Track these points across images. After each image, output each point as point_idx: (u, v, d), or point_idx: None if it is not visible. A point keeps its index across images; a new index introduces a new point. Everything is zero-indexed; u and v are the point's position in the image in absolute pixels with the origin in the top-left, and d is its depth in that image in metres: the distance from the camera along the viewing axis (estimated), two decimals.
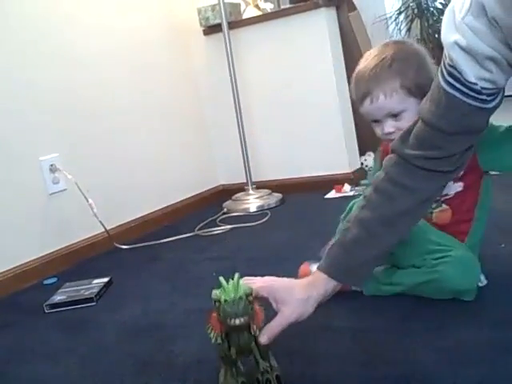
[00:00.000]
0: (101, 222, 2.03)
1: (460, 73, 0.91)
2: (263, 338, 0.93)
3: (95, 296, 1.57)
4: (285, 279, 1.03)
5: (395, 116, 1.16)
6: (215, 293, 0.87)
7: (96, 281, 1.69)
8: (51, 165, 1.99)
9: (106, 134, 2.24)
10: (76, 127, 2.11)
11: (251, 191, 2.57)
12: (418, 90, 1.14)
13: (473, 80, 0.90)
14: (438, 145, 0.99)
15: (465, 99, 0.93)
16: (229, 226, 2.19)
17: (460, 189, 1.22)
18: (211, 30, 2.71)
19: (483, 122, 0.98)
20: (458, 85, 0.92)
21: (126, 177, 2.31)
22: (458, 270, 1.12)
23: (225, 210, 2.48)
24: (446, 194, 1.22)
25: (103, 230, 2.06)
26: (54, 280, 1.84)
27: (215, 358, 0.96)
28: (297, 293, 0.98)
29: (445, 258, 1.14)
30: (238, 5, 2.78)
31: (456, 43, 0.90)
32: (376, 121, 1.20)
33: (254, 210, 2.44)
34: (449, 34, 0.92)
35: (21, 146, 1.92)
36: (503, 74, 0.92)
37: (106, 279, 1.69)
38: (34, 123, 1.97)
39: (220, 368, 0.94)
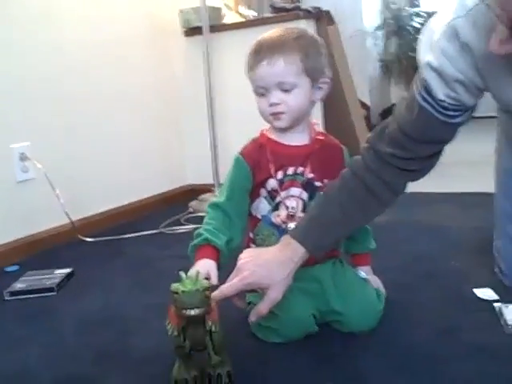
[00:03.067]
0: (66, 213, 2.04)
1: (431, 90, 1.00)
2: (253, 318, 1.05)
3: (56, 286, 1.58)
4: (261, 262, 1.06)
5: (285, 90, 1.13)
6: (174, 285, 0.91)
7: (58, 271, 1.70)
8: (21, 153, 2.00)
9: (77, 126, 2.25)
10: (49, 118, 2.12)
11: (217, 193, 2.61)
12: (312, 73, 1.15)
13: (442, 97, 1.00)
14: (407, 147, 1.08)
15: (434, 113, 1.02)
16: (193, 226, 2.22)
17: None
18: (192, 32, 2.74)
19: (449, 135, 1.08)
20: (429, 99, 1.01)
21: (95, 170, 2.33)
22: (357, 324, 1.16)
23: (190, 209, 2.51)
24: None
25: (68, 221, 2.07)
26: (15, 268, 1.84)
27: (171, 353, 0.99)
28: (278, 275, 1.05)
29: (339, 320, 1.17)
30: (220, 9, 2.82)
31: (429, 64, 0.99)
32: (263, 94, 1.16)
33: None
34: (424, 53, 1.00)
35: None
36: (470, 95, 1.01)
37: (68, 270, 1.71)
38: (7, 111, 1.96)
39: (175, 362, 0.98)
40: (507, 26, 0.78)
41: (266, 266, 1.06)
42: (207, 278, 1.03)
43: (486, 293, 1.28)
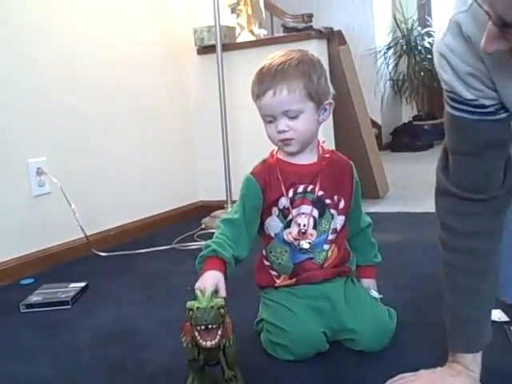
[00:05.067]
0: (81, 227, 2.07)
1: (458, 94, 0.93)
2: None
3: (71, 299, 1.61)
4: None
5: (292, 117, 1.16)
6: (189, 303, 0.93)
7: (72, 285, 1.73)
8: (38, 168, 2.04)
9: (93, 141, 2.29)
10: (65, 133, 2.17)
11: (229, 210, 2.63)
12: (316, 96, 1.17)
13: (470, 97, 0.92)
14: (473, 168, 0.98)
15: (473, 117, 0.93)
16: (205, 242, 2.23)
17: (342, 222, 1.26)
18: (205, 50, 2.79)
19: (503, 132, 0.95)
20: (462, 106, 0.93)
21: (109, 185, 2.36)
22: (371, 342, 1.18)
23: (203, 225, 2.54)
24: (335, 230, 1.24)
25: (83, 235, 2.11)
26: (30, 281, 1.87)
27: (184, 367, 1.02)
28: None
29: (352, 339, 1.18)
30: (234, 28, 2.87)
31: (441, 66, 0.93)
32: (271, 121, 1.19)
33: None
34: (436, 59, 0.94)
35: (10, 147, 1.96)
36: (487, 88, 0.92)
37: (82, 284, 1.74)
38: (24, 126, 2.01)
39: (188, 376, 1.00)
40: (495, 24, 0.75)
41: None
42: (216, 291, 1.03)
43: (496, 314, 1.28)
